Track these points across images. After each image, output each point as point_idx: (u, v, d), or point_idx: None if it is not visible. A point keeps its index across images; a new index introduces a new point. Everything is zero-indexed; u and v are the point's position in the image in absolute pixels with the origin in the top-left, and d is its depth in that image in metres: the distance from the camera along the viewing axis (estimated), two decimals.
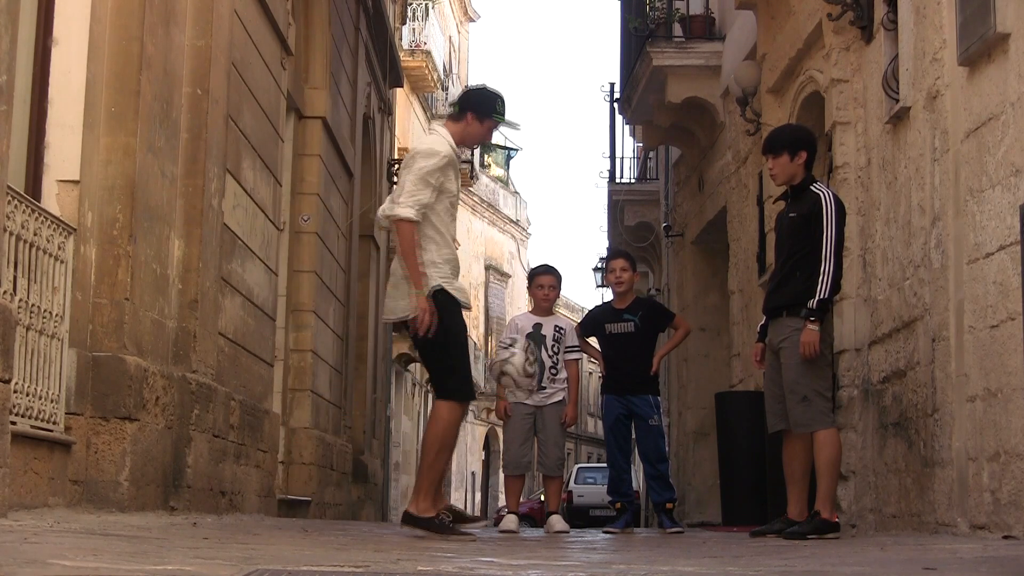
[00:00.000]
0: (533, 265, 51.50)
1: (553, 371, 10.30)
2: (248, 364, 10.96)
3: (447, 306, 7.49)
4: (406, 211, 7.43)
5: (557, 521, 10.28)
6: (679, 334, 10.88)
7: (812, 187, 8.60)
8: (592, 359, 10.94)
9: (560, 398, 10.29)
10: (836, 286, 8.38)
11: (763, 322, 8.88)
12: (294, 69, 13.59)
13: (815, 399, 8.33)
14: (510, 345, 10.01)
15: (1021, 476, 6.79)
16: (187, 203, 9.19)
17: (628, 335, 10.59)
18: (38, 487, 7.06)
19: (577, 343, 10.51)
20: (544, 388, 10.26)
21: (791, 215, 8.60)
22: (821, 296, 8.26)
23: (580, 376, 10.94)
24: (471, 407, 47.94)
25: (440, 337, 7.47)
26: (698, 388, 18.93)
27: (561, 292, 10.87)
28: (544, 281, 10.54)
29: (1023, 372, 6.67)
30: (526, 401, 10.23)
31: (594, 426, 67.79)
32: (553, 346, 10.32)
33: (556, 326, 10.41)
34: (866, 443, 9.78)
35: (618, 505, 10.77)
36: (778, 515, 9.15)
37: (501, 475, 51.68)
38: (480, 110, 7.85)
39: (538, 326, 10.36)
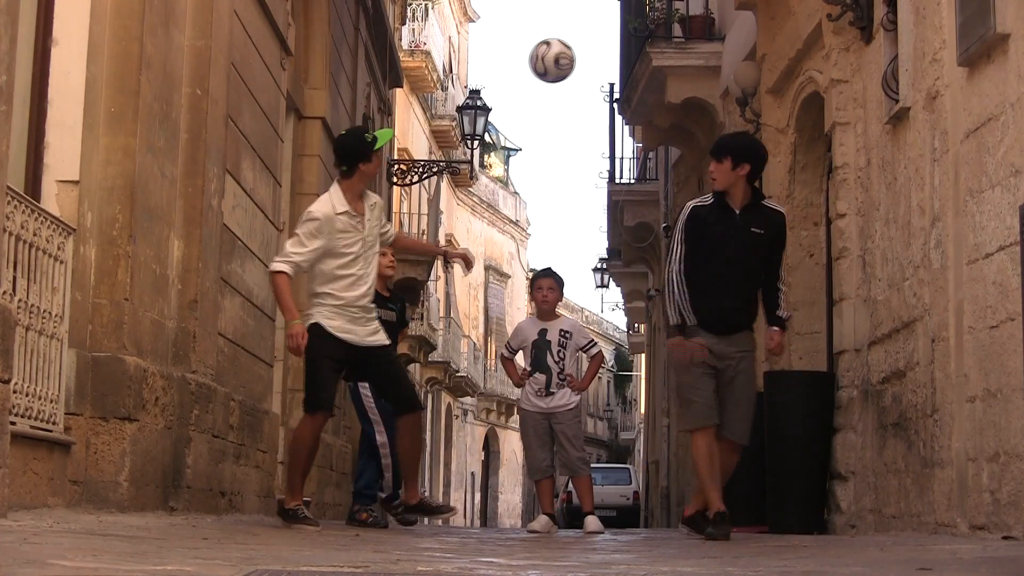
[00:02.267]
0: (533, 266, 51.34)
1: (560, 376, 10.35)
2: (248, 364, 10.96)
3: (314, 335, 8.64)
4: (275, 265, 8.73)
5: (591, 522, 10.32)
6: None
7: (768, 204, 8.47)
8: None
9: (573, 403, 10.37)
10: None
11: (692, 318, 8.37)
12: (294, 69, 13.58)
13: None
14: (512, 357, 10.52)
15: (1021, 476, 6.79)
16: (187, 203, 9.18)
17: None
18: (38, 487, 7.06)
19: (592, 339, 10.70)
20: (552, 392, 10.32)
21: (755, 231, 8.30)
22: (783, 313, 8.46)
23: (599, 368, 11.11)
24: (471, 407, 48.00)
25: (305, 359, 8.79)
26: None
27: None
28: (542, 283, 10.61)
29: (1023, 372, 6.67)
30: (537, 408, 10.37)
31: (594, 426, 67.85)
32: (559, 351, 10.38)
33: (561, 330, 10.46)
34: (866, 443, 9.78)
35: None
36: (779, 515, 9.17)
37: (501, 477, 51.61)
38: (362, 156, 8.76)
39: (543, 332, 10.44)
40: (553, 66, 9.34)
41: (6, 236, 6.54)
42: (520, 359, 10.74)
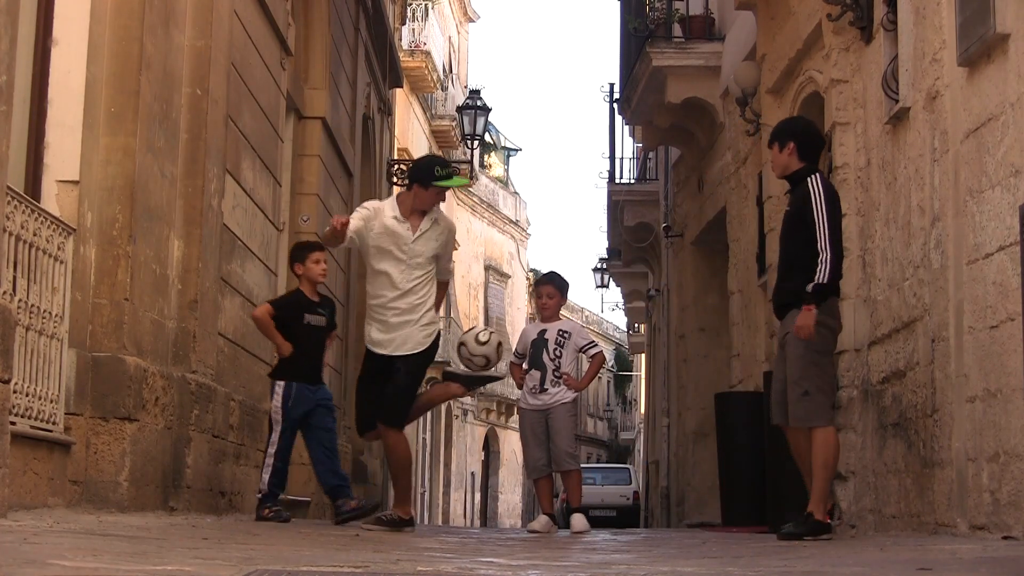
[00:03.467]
0: (533, 266, 51.17)
1: (556, 374, 10.41)
2: (248, 364, 10.97)
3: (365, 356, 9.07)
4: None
5: (578, 521, 10.36)
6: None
7: (807, 180, 8.37)
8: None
9: (568, 399, 10.41)
10: (836, 271, 8.16)
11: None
12: (294, 69, 13.59)
13: (815, 394, 8.14)
14: (520, 362, 10.67)
15: (1021, 477, 6.78)
16: (187, 203, 9.19)
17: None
18: (38, 487, 7.06)
19: (592, 340, 10.77)
20: (547, 389, 10.39)
21: (787, 210, 8.54)
22: (819, 280, 8.03)
23: (599, 369, 11.08)
24: (470, 407, 47.99)
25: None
26: (698, 389, 18.94)
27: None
28: (542, 291, 10.78)
29: (1023, 373, 6.67)
30: (534, 407, 10.42)
31: (594, 426, 67.84)
32: (555, 350, 10.46)
33: (560, 330, 10.56)
34: (866, 443, 9.77)
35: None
36: (778, 516, 9.16)
37: (501, 477, 51.60)
38: (421, 179, 8.91)
39: (542, 332, 10.58)
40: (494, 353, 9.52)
41: (6, 236, 6.54)
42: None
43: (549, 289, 10.68)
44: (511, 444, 54.51)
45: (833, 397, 8.46)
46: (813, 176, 8.30)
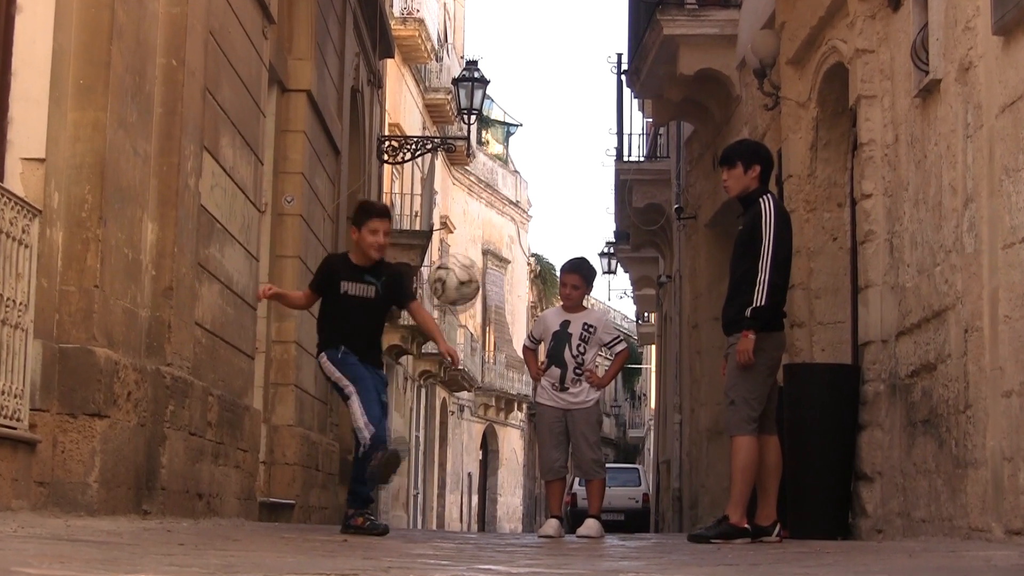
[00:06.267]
0: (535, 251, 51.09)
1: (577, 371, 10.40)
2: (227, 356, 10.96)
3: None
4: None
5: (588, 526, 10.37)
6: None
7: (760, 199, 9.20)
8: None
9: (591, 401, 10.42)
10: (776, 294, 9.06)
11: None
12: (276, 39, 13.57)
13: (741, 405, 9.08)
14: (534, 348, 10.86)
15: None
16: (161, 183, 9.18)
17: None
18: (0, 489, 7.06)
19: (618, 335, 10.87)
20: (567, 388, 10.39)
21: (739, 228, 9.34)
22: (757, 304, 8.97)
23: (623, 365, 11.26)
24: (467, 402, 48.01)
25: None
26: (712, 383, 18.90)
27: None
28: (567, 280, 10.76)
29: None
30: (553, 404, 10.44)
31: (609, 427, 67.90)
32: (579, 345, 10.44)
33: (585, 324, 10.53)
34: (893, 442, 9.78)
35: None
36: (799, 520, 9.20)
37: (501, 478, 51.68)
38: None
39: (565, 323, 10.54)
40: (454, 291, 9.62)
41: None
42: (542, 352, 10.83)
43: (575, 280, 10.67)
44: (511, 442, 54.59)
45: (756, 410, 9.14)
46: (766, 197, 9.22)
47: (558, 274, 11.32)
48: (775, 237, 8.99)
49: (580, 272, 10.73)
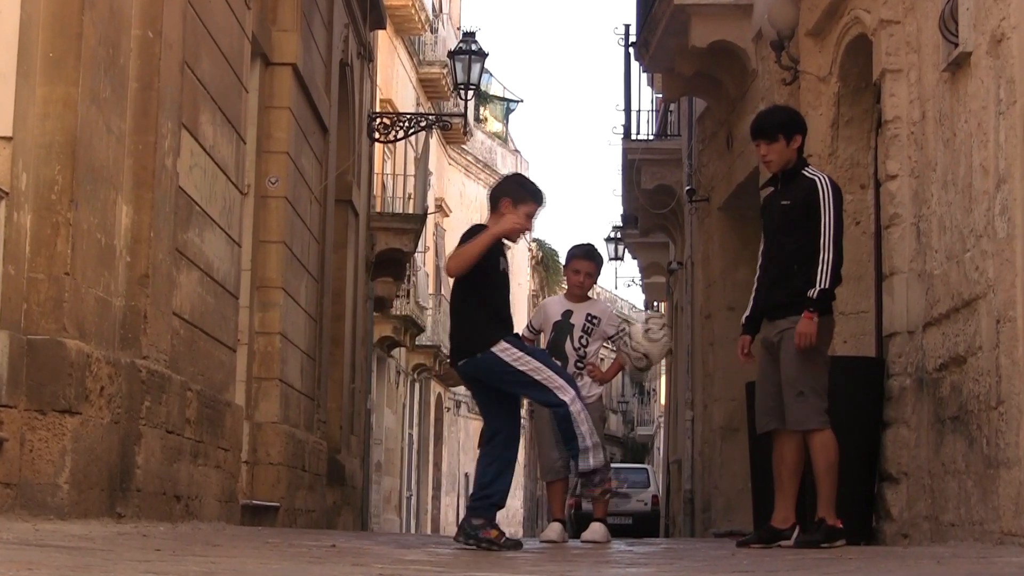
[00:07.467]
0: (536, 236, 51.02)
1: (579, 365, 10.39)
2: (207, 349, 10.96)
3: None
4: None
5: (593, 530, 10.35)
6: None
7: (804, 172, 9.20)
8: None
9: (593, 397, 10.38)
10: (837, 277, 8.97)
11: (748, 312, 9.54)
12: (260, 9, 13.56)
13: (811, 396, 8.92)
14: (534, 337, 10.74)
15: None
16: (136, 163, 9.18)
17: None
18: None
19: (623, 327, 10.81)
20: None
21: (783, 203, 9.19)
22: (822, 286, 8.85)
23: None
24: (464, 398, 48.05)
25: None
26: (726, 377, 18.92)
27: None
28: (580, 267, 10.72)
29: None
30: None
31: (616, 424, 67.93)
32: (581, 338, 10.44)
33: (589, 315, 10.52)
34: (920, 440, 9.78)
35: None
36: (807, 521, 9.21)
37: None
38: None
39: (568, 313, 10.52)
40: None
41: None
42: (542, 343, 10.79)
43: (589, 266, 10.67)
44: None
45: (826, 402, 9.03)
46: (820, 173, 9.28)
47: (561, 260, 11.24)
48: (836, 217, 9.02)
49: (593, 259, 10.71)
